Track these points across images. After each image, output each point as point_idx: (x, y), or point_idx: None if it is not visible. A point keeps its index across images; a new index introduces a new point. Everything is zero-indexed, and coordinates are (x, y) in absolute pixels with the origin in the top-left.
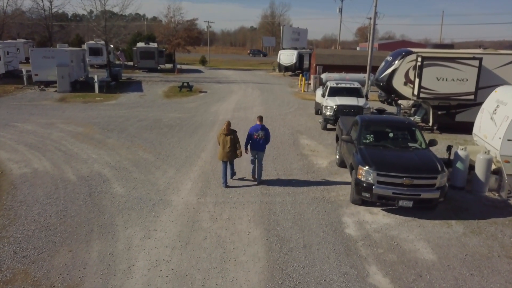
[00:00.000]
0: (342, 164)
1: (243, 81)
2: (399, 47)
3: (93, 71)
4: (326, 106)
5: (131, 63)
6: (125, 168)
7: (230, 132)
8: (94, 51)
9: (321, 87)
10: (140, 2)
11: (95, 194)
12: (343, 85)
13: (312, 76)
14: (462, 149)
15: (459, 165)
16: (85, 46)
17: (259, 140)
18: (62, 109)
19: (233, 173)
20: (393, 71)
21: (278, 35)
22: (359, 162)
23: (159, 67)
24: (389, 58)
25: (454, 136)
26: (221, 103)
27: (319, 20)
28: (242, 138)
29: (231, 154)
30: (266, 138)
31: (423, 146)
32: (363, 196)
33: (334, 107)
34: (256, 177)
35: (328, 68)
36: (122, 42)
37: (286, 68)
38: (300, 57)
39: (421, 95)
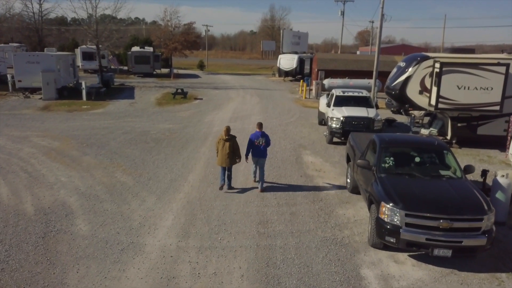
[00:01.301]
0: (354, 189)
1: (242, 87)
2: (400, 51)
3: (86, 76)
4: (332, 118)
5: (126, 68)
6: (96, 196)
7: (230, 138)
8: (88, 56)
9: (325, 95)
10: (132, 5)
11: (51, 235)
12: (350, 94)
13: (314, 82)
14: (503, 176)
15: (499, 195)
16: (78, 50)
17: (260, 147)
18: (42, 119)
19: (230, 183)
20: (407, 79)
21: (278, 39)
22: (381, 197)
23: (155, 72)
24: (402, 64)
25: (476, 151)
26: (216, 111)
27: (319, 24)
28: (243, 148)
29: (230, 159)
30: (267, 143)
31: (458, 174)
32: (387, 241)
33: (342, 118)
34: (257, 179)
35: (331, 73)
36: (114, 46)
37: (286, 73)
38: (301, 62)
39: (440, 105)
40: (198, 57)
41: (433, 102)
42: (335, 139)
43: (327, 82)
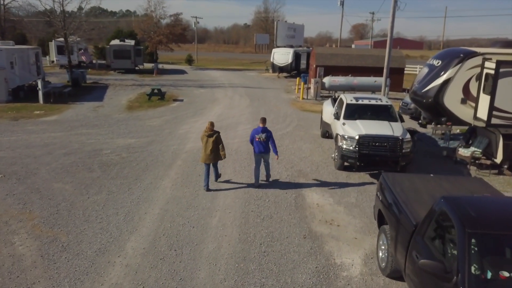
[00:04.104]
0: (394, 273)
1: (231, 85)
2: (395, 45)
3: (60, 73)
4: (343, 136)
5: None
6: None
7: (213, 133)
8: (63, 50)
9: (329, 99)
10: None
11: None
12: (366, 102)
13: (312, 80)
14: None
15: None
16: (52, 44)
17: (260, 144)
18: None
19: (218, 175)
20: (445, 83)
21: (272, 32)
22: None
23: (137, 68)
24: (435, 62)
25: None
26: (196, 118)
27: (313, 17)
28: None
29: (214, 156)
30: (268, 140)
31: None
32: None
33: (357, 137)
34: (258, 182)
35: (331, 70)
36: (86, 39)
37: (281, 69)
38: (297, 56)
39: (494, 120)
40: (188, 51)
41: (482, 115)
42: (346, 163)
43: (327, 80)
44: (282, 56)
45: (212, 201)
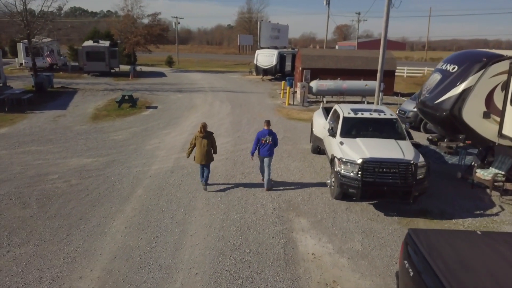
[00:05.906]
0: None
1: (212, 89)
2: (379, 46)
3: (27, 76)
4: (341, 159)
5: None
6: None
7: (207, 134)
8: (33, 52)
9: (320, 109)
10: None
11: None
12: (366, 116)
13: (298, 84)
14: None
15: None
16: (21, 46)
17: (266, 146)
18: None
19: (207, 178)
20: (464, 93)
21: (256, 33)
22: None
23: (112, 70)
24: (450, 68)
25: None
26: (169, 129)
27: (297, 17)
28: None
29: (208, 157)
30: (274, 142)
31: None
32: None
33: (359, 162)
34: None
35: (318, 73)
36: (66, 40)
37: (265, 71)
38: (282, 58)
39: None
40: (170, 52)
41: (509, 131)
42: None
43: (314, 84)
44: (266, 57)
45: (174, 254)
